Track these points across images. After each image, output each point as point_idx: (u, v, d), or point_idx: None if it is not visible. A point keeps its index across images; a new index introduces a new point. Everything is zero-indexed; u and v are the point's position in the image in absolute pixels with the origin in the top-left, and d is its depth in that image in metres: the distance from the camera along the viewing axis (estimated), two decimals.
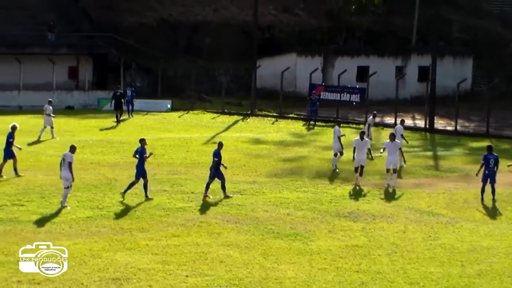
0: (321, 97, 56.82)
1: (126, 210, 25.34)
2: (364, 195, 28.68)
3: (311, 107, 53.00)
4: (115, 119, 49.95)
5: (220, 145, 28.15)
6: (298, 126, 51.66)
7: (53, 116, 42.75)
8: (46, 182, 29.19)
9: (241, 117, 56.07)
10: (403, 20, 75.21)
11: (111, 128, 47.39)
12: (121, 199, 26.74)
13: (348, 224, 24.44)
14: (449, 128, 51.45)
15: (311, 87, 57.67)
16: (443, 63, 65.93)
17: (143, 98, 58.92)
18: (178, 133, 45.99)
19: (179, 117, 55.71)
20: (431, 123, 51.28)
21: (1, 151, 31.34)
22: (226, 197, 27.50)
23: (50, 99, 45.06)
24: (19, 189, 27.95)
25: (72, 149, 25.99)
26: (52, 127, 42.40)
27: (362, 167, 30.10)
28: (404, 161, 30.46)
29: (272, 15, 74.73)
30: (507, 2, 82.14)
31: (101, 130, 46.04)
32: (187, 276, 18.98)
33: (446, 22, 73.74)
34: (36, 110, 56.36)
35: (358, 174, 30.16)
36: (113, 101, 51.63)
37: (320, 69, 65.11)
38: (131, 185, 27.12)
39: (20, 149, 31.37)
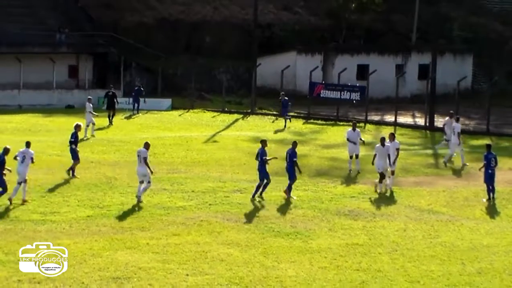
0: (322, 95, 56.80)
1: (126, 209, 25.33)
2: (382, 197, 28.30)
3: (283, 107, 51.26)
4: (108, 120, 48.92)
5: (295, 144, 28.08)
6: (298, 125, 51.63)
7: (95, 115, 42.85)
8: (46, 181, 29.20)
9: (241, 115, 56.07)
10: (403, 18, 75.20)
11: (105, 128, 46.90)
12: (254, 201, 26.96)
13: (349, 222, 24.45)
14: None
15: (311, 86, 57.68)
16: (443, 61, 65.92)
17: (143, 97, 58.85)
18: (178, 132, 46.00)
19: (180, 115, 55.72)
20: (431, 121, 51.27)
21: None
22: (290, 198, 27.47)
23: (90, 97, 45.31)
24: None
25: (146, 145, 26.69)
26: (94, 124, 42.37)
27: (382, 174, 29.06)
28: (394, 163, 29.82)
29: (272, 13, 74.67)
30: (507, 0, 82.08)
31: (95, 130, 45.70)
32: (187, 275, 18.99)
33: (446, 20, 73.70)
34: (36, 109, 56.54)
35: (377, 180, 29.24)
36: (105, 101, 51.01)
37: (320, 67, 65.09)
38: (258, 187, 27.34)
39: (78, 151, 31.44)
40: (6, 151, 25.65)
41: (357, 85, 58.08)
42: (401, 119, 53.78)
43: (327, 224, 24.10)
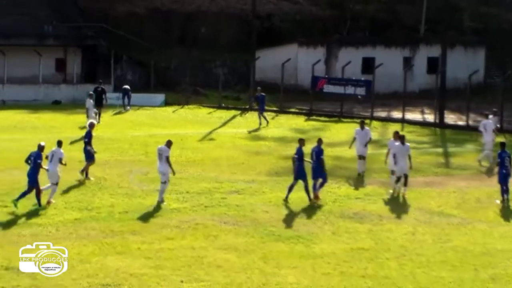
0: (325, 90, 56.75)
1: (116, 212, 25.26)
2: (404, 203, 27.79)
3: (260, 103, 49.20)
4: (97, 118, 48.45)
5: (320, 141, 28.05)
6: (300, 121, 51.59)
7: (95, 112, 42.65)
8: None
9: (239, 112, 56.02)
10: (411, 8, 75.12)
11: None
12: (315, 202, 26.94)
13: (354, 225, 24.38)
14: (460, 123, 51.35)
15: (314, 80, 57.64)
16: (454, 53, 65.84)
17: (135, 92, 58.76)
18: (172, 129, 45.91)
19: (173, 112, 55.66)
20: (441, 117, 51.21)
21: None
22: (316, 198, 27.48)
23: (91, 92, 45.33)
24: (4, 190, 27.86)
25: (168, 143, 26.85)
26: None
27: (406, 176, 28.40)
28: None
29: (272, 3, 74.63)
30: None
31: (80, 128, 45.56)
32: (182, 281, 18.94)
33: (457, 10, 73.66)
34: (21, 105, 56.44)
35: (401, 184, 28.50)
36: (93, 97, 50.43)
37: (323, 60, 65.06)
38: (309, 188, 27.37)
39: (95, 152, 31.23)
40: (41, 148, 25.93)
41: (362, 79, 58.01)
42: (409, 116, 53.69)
43: (330, 228, 24.04)
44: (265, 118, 49.02)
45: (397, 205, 27.36)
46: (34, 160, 25.51)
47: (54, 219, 24.15)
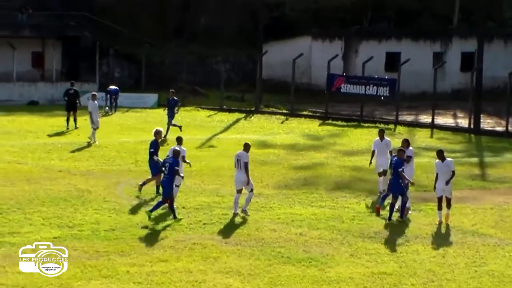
0: (342, 90, 56.80)
1: (101, 229, 25.32)
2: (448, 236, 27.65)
3: (169, 109, 46.87)
4: (66, 124, 47.51)
5: (401, 152, 27.62)
6: (313, 126, 51.65)
7: (99, 115, 42.81)
8: (4, 194, 29.21)
9: (243, 114, 56.10)
10: None
11: (65, 132, 46.37)
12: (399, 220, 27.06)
13: (375, 246, 24.43)
14: (498, 128, 51.38)
15: (330, 78, 57.69)
16: (492, 48, 65.93)
17: (123, 92, 58.93)
18: (166, 135, 45.98)
19: None
20: (477, 122, 51.23)
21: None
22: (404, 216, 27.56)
23: (95, 93, 45.30)
24: None
25: (247, 147, 27.51)
26: (96, 128, 42.23)
27: (448, 199, 27.41)
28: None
29: None
30: None
31: (49, 135, 45.68)
32: None
33: None
34: None
35: (442, 208, 27.50)
36: (65, 100, 48.89)
37: (340, 56, 65.14)
38: (403, 205, 27.48)
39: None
40: (176, 153, 26.88)
41: (386, 77, 58.08)
42: (440, 120, 53.75)
43: (348, 249, 24.10)
44: (169, 126, 45.95)
45: (425, 223, 27.37)
46: (171, 167, 26.33)
47: (29, 237, 24.20)
